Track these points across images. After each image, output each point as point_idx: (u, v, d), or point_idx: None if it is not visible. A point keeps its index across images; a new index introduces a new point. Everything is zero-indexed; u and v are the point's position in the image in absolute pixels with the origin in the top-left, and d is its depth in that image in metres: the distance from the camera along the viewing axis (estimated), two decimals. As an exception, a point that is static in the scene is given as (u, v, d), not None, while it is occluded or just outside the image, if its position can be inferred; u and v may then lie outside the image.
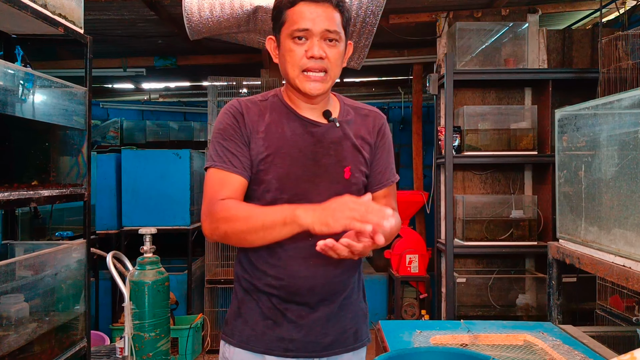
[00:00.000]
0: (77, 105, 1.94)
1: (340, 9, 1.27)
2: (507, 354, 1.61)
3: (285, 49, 1.26)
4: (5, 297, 1.64)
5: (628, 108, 1.63)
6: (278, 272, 1.29)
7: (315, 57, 1.23)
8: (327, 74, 1.26)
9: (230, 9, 2.70)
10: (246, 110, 1.31)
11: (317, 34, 1.23)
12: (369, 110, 1.43)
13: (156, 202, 4.06)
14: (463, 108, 3.54)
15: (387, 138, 1.44)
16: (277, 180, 1.27)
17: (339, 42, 1.27)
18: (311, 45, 1.23)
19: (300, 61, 1.24)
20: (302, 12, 1.23)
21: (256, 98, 1.37)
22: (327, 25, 1.23)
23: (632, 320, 2.24)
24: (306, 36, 1.23)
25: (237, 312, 1.36)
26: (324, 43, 1.24)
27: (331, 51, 1.25)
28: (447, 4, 3.73)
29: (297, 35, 1.23)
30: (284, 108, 1.34)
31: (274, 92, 1.38)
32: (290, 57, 1.25)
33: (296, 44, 1.24)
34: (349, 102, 1.43)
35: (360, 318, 1.41)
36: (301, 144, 1.30)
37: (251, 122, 1.30)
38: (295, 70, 1.25)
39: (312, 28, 1.22)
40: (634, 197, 1.55)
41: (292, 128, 1.31)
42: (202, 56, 5.13)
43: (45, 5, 1.71)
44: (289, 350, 1.30)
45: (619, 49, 2.74)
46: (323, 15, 1.23)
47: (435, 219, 3.84)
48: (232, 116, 1.30)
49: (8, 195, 1.53)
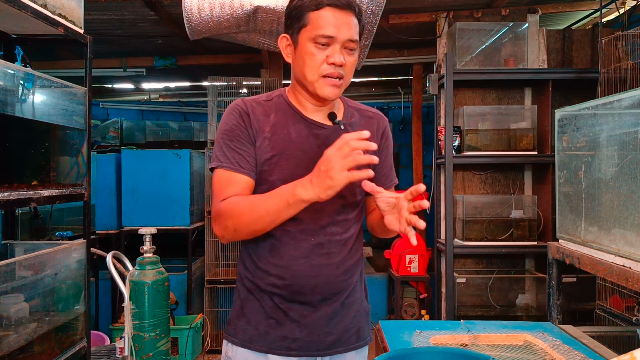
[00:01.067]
0: (77, 105, 1.94)
1: (359, 18, 1.28)
2: (507, 354, 1.61)
3: (306, 52, 1.26)
4: (5, 297, 1.64)
5: (628, 108, 1.63)
6: (281, 272, 1.29)
7: (337, 65, 1.24)
8: (343, 80, 1.28)
9: (230, 9, 2.70)
10: (252, 110, 1.31)
11: (340, 42, 1.24)
12: (373, 113, 1.45)
13: (156, 202, 4.06)
14: (463, 108, 3.54)
15: (389, 141, 1.46)
16: (281, 182, 1.27)
17: (355, 51, 1.29)
18: (333, 52, 1.24)
19: (320, 66, 1.25)
20: (327, 17, 1.23)
21: (260, 98, 1.37)
22: (350, 35, 1.25)
23: (632, 320, 2.24)
24: (329, 43, 1.24)
25: (240, 312, 1.37)
26: (344, 51, 1.26)
27: (349, 59, 1.27)
28: (447, 4, 3.73)
29: (321, 42, 1.24)
30: (289, 109, 1.34)
31: (279, 93, 1.38)
32: (312, 61, 1.25)
33: (318, 49, 1.25)
34: (353, 104, 1.44)
35: (363, 317, 1.42)
36: (306, 146, 1.30)
37: (257, 121, 1.30)
38: (315, 75, 1.26)
39: (337, 36, 1.23)
40: (634, 197, 1.55)
41: (298, 130, 1.31)
42: (202, 56, 5.13)
43: (45, 5, 1.71)
44: (292, 349, 1.31)
45: (619, 49, 2.74)
46: (348, 23, 1.24)
47: (435, 219, 3.84)
48: (238, 116, 1.31)
49: (8, 195, 1.53)
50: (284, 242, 1.29)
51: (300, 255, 1.29)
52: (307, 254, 1.29)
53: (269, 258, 1.31)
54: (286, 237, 1.29)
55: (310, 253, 1.29)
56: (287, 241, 1.29)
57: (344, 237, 1.33)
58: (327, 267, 1.30)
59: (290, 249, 1.29)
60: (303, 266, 1.29)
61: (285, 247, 1.29)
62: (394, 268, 4.19)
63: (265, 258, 1.31)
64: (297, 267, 1.28)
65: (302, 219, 1.27)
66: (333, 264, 1.31)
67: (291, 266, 1.29)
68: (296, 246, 1.29)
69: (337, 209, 1.32)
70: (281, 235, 1.29)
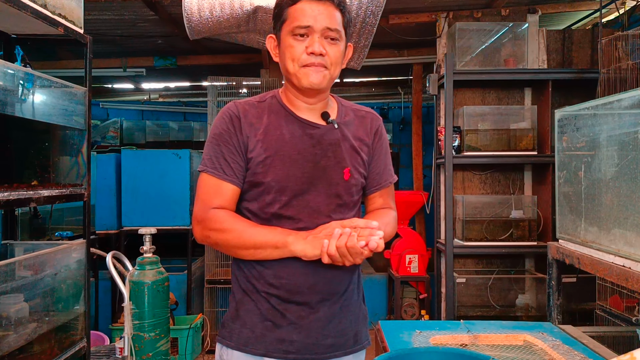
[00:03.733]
0: (77, 105, 1.94)
1: (342, 9, 1.27)
2: (506, 354, 1.61)
3: (286, 45, 1.26)
4: (5, 297, 1.64)
5: (628, 108, 1.63)
6: (277, 271, 1.28)
7: (316, 54, 1.24)
8: (327, 70, 1.27)
9: (230, 9, 2.70)
10: (243, 114, 1.31)
11: (318, 31, 1.24)
12: (365, 112, 1.44)
13: (156, 202, 4.06)
14: (463, 108, 3.54)
15: (383, 139, 1.44)
16: (276, 182, 1.27)
17: (339, 41, 1.27)
18: (312, 41, 1.24)
19: (300, 57, 1.25)
20: (303, 9, 1.24)
21: (254, 100, 1.37)
22: (328, 23, 1.24)
23: (631, 321, 2.24)
24: (307, 33, 1.24)
25: (235, 314, 1.35)
26: (324, 41, 1.25)
27: (332, 49, 1.26)
28: (447, 4, 3.74)
29: (298, 32, 1.24)
30: (282, 110, 1.33)
31: (272, 94, 1.38)
32: (290, 52, 1.25)
33: (297, 41, 1.25)
34: (347, 104, 1.43)
35: (360, 320, 1.40)
36: (300, 146, 1.29)
37: (248, 125, 1.30)
38: (296, 66, 1.26)
39: (314, 25, 1.23)
40: (634, 198, 1.55)
41: (291, 130, 1.31)
42: (202, 56, 5.13)
43: (45, 5, 1.71)
44: (290, 352, 1.29)
45: (619, 49, 2.74)
46: (325, 13, 1.24)
47: (435, 219, 3.84)
48: (228, 121, 1.31)
49: (8, 195, 1.53)
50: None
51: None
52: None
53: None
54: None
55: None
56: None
57: None
58: (323, 265, 1.28)
59: None
60: (299, 264, 1.27)
61: None
62: (393, 268, 4.19)
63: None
64: (294, 266, 1.27)
65: (299, 218, 1.27)
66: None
67: (287, 265, 1.28)
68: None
69: (333, 209, 1.31)
70: None
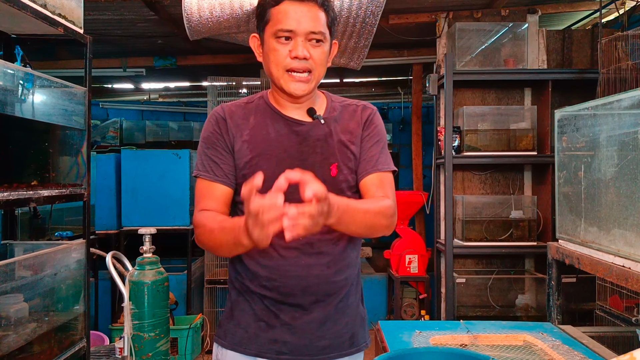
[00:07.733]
0: (77, 105, 1.94)
1: (326, 8, 1.25)
2: (506, 355, 1.61)
3: (269, 48, 1.25)
4: (4, 297, 1.64)
5: (627, 108, 1.63)
6: (270, 273, 1.28)
7: (300, 58, 1.22)
8: (312, 74, 1.25)
9: (230, 9, 2.70)
10: (229, 116, 1.31)
11: (301, 34, 1.22)
12: (356, 105, 1.40)
13: (156, 202, 4.06)
14: (463, 108, 3.54)
15: (375, 127, 1.37)
16: (263, 183, 1.25)
17: (323, 43, 1.26)
18: (295, 45, 1.22)
19: (284, 61, 1.23)
20: (286, 11, 1.22)
21: (242, 101, 1.37)
22: (312, 26, 1.22)
23: (631, 321, 2.24)
24: (290, 36, 1.23)
25: (230, 314, 1.35)
26: (308, 43, 1.23)
27: (315, 51, 1.24)
28: (447, 4, 3.74)
29: (281, 35, 1.22)
30: (268, 109, 1.33)
31: (260, 95, 1.38)
32: (274, 56, 1.24)
33: (280, 44, 1.23)
34: (337, 99, 1.41)
35: (358, 322, 1.38)
36: (287, 144, 1.29)
37: (235, 126, 1.30)
38: (280, 70, 1.24)
39: (297, 29, 1.21)
40: (634, 198, 1.55)
41: (277, 129, 1.30)
42: (201, 56, 5.13)
43: (45, 5, 1.71)
44: (282, 353, 1.29)
45: (619, 49, 2.74)
46: (308, 15, 1.22)
47: (435, 219, 3.84)
48: (215, 123, 1.31)
49: (8, 195, 1.53)
50: (273, 241, 1.25)
51: (290, 255, 1.27)
52: (296, 254, 1.27)
53: (258, 259, 1.29)
54: (275, 237, 1.27)
55: (300, 252, 1.27)
56: (276, 241, 1.22)
57: (334, 236, 1.30)
58: (317, 266, 1.28)
59: (279, 249, 1.27)
60: (292, 266, 1.27)
61: (274, 247, 1.26)
62: (393, 268, 4.19)
63: (255, 259, 1.30)
64: (287, 268, 1.27)
65: None
66: (323, 264, 1.29)
67: (281, 266, 1.27)
68: (285, 246, 1.26)
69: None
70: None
